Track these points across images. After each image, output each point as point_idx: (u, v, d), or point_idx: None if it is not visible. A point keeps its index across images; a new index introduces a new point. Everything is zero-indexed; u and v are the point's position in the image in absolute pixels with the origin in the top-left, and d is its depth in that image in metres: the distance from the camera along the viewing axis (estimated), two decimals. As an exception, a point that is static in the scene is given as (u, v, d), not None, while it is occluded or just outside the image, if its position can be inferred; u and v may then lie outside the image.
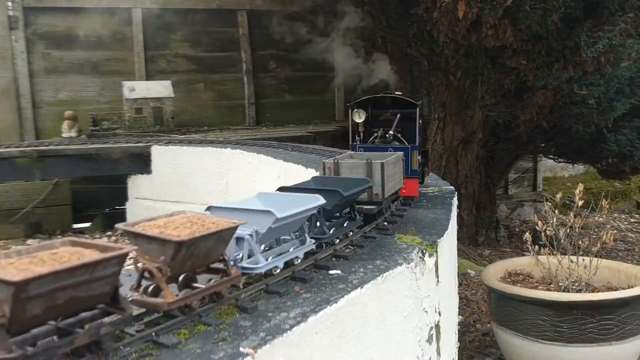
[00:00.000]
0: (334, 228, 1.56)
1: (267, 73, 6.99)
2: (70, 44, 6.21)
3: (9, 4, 5.93)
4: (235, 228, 1.12)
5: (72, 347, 0.85)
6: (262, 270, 1.23)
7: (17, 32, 5.97)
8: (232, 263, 1.16)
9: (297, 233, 1.40)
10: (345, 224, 1.63)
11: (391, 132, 2.27)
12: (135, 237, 1.03)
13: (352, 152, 2.19)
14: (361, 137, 2.33)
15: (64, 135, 5.77)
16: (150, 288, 1.02)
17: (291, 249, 1.35)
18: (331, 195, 1.50)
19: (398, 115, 2.30)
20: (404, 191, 2.13)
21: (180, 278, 1.05)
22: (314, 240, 1.43)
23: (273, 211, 1.22)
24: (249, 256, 1.21)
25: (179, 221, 1.10)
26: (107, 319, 0.91)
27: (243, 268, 1.19)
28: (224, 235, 1.09)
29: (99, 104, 6.31)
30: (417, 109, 2.26)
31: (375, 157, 1.87)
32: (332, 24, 5.80)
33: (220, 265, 1.12)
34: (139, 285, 1.04)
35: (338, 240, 1.56)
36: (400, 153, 2.07)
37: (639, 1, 3.51)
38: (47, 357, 0.82)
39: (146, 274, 1.02)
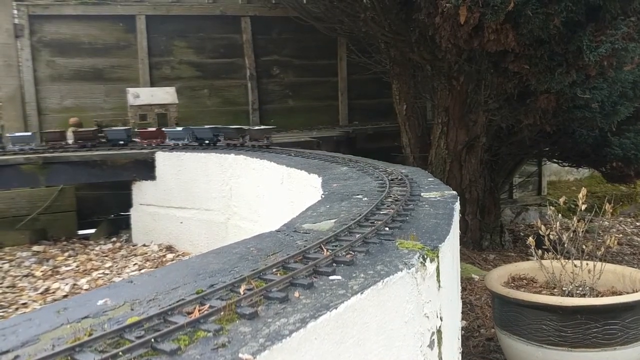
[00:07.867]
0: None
1: (270, 79, 7.01)
2: (75, 52, 6.25)
3: (15, 12, 5.98)
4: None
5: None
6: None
7: (22, 40, 6.02)
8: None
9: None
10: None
11: None
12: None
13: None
14: None
15: (69, 141, 5.81)
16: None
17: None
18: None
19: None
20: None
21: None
22: None
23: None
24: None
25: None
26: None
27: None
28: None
29: (103, 111, 6.34)
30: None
31: None
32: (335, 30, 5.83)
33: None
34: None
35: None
36: None
37: (641, 5, 3.50)
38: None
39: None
